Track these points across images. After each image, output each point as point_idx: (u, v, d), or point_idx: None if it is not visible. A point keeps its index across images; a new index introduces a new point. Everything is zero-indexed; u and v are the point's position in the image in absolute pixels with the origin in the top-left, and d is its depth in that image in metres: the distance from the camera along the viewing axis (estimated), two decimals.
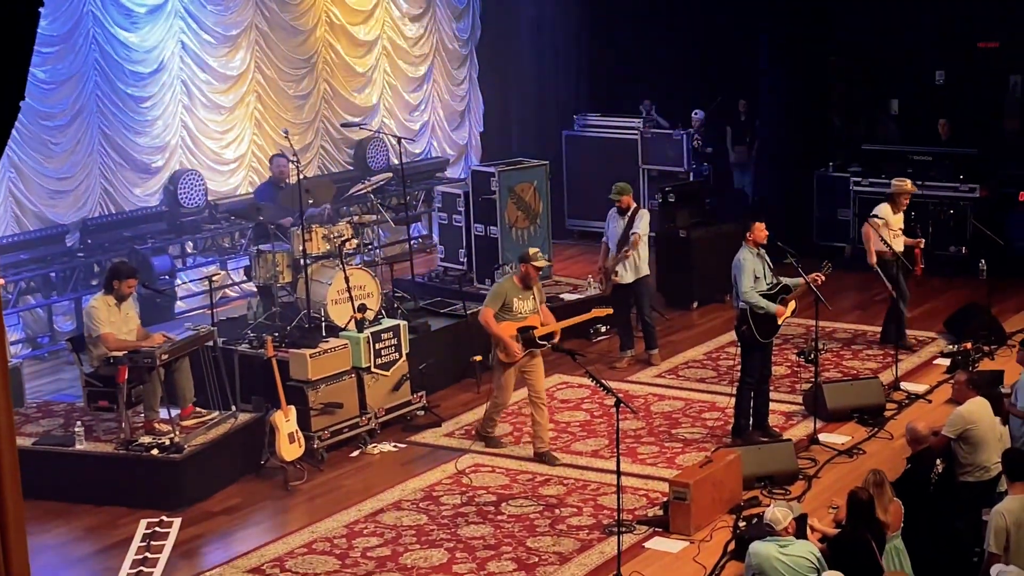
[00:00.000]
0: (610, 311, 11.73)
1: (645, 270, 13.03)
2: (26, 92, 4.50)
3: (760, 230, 10.73)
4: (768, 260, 10.84)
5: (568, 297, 14.09)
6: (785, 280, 10.86)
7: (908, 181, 13.37)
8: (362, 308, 11.46)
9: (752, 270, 10.66)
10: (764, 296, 10.66)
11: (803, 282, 10.84)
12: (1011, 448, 9.55)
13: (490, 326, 10.65)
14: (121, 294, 10.49)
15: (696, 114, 18.35)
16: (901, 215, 13.25)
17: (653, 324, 13.26)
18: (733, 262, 10.83)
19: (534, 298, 10.73)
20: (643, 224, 12.91)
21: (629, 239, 12.82)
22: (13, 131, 14.12)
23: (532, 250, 10.81)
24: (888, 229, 13.08)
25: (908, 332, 13.47)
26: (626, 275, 12.89)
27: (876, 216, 13.15)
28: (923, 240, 13.61)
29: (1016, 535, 8.57)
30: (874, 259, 13.08)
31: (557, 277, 15.09)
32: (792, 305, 10.86)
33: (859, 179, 16.83)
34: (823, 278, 10.95)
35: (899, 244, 13.15)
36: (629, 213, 12.93)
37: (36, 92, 13.53)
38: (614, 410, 8.81)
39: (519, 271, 10.72)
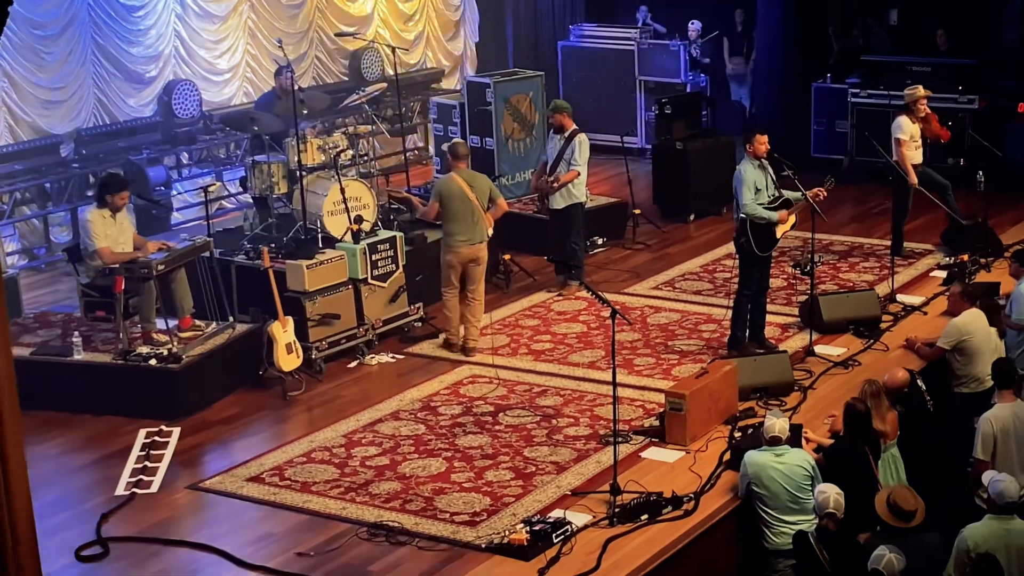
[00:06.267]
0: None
1: (579, 197, 12.58)
2: (16, 1, 4.45)
3: (761, 143, 10.60)
4: (771, 172, 10.75)
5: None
6: (787, 194, 10.80)
7: (919, 87, 13.30)
8: (358, 219, 11.43)
9: (753, 182, 10.57)
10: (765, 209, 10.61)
11: (803, 196, 10.79)
12: (1001, 357, 9.60)
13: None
14: (115, 206, 10.45)
15: (693, 24, 18.18)
16: (920, 125, 13.16)
17: (580, 253, 12.72)
18: (734, 174, 10.76)
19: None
20: (581, 155, 12.39)
21: (560, 166, 12.44)
22: (4, 40, 13.88)
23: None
24: (913, 142, 13.05)
25: (905, 244, 13.50)
26: (558, 201, 12.41)
27: (900, 136, 13.06)
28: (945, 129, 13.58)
29: (1003, 442, 8.65)
30: (915, 179, 13.03)
31: None
32: (792, 219, 10.80)
33: (857, 90, 16.72)
34: (825, 193, 10.88)
35: (918, 156, 13.10)
36: (566, 135, 12.47)
37: (27, 1, 13.35)
38: (610, 321, 8.83)
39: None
